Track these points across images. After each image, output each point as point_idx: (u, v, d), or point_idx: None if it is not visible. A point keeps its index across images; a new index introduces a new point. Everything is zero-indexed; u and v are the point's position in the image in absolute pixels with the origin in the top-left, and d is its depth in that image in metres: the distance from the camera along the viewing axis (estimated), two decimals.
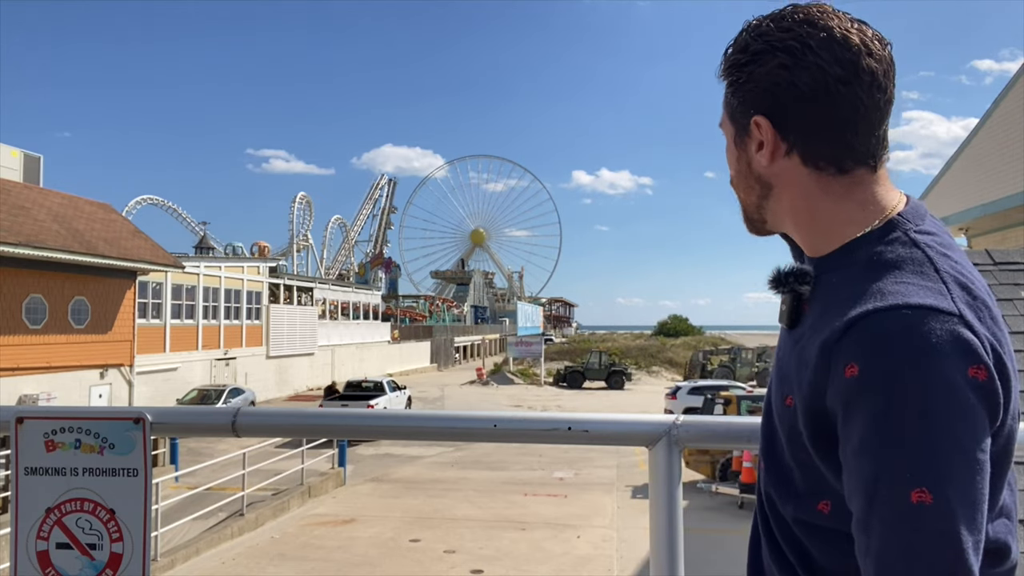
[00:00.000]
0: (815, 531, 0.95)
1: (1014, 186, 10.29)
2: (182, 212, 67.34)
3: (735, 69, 1.00)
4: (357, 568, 11.28)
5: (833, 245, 0.98)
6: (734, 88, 1.01)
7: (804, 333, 0.96)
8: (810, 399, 0.89)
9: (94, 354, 21.84)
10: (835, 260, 0.97)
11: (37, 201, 20.80)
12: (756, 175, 1.02)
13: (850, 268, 0.94)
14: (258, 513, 13.67)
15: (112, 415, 1.43)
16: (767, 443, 1.06)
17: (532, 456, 19.80)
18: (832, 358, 0.86)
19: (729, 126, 1.04)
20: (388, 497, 16.04)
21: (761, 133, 0.99)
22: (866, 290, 0.88)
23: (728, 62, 1.02)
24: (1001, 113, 11.08)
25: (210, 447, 20.00)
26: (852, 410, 0.82)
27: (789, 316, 1.00)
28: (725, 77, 1.03)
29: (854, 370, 0.83)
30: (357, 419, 1.59)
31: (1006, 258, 6.14)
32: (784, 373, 0.99)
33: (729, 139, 1.05)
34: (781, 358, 1.03)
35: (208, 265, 32.47)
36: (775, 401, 1.02)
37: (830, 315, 0.90)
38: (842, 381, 0.84)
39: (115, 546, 1.40)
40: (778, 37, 0.96)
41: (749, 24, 1.00)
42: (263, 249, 48.94)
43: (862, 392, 0.82)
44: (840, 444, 0.85)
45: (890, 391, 0.80)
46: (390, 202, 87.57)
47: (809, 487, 0.94)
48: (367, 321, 50.32)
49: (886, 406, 0.80)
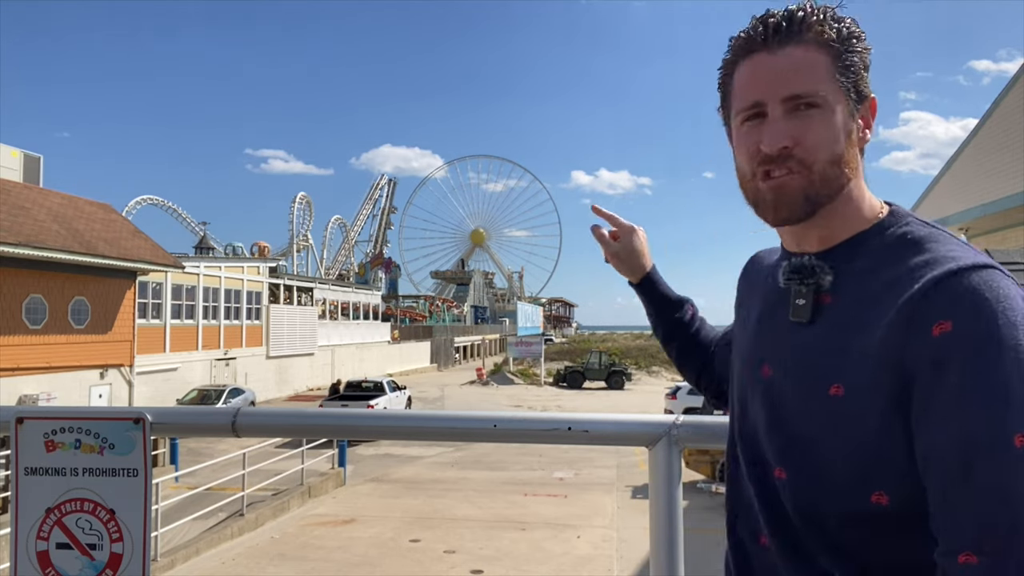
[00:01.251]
0: (872, 525, 0.93)
1: (1014, 186, 10.29)
2: (182, 212, 67.38)
3: (855, 40, 0.99)
4: (357, 568, 11.27)
5: (846, 235, 1.01)
6: (854, 57, 0.99)
7: (842, 320, 0.95)
8: (884, 369, 0.88)
9: (94, 354, 21.83)
10: (849, 250, 1.00)
11: (37, 201, 20.80)
12: (855, 153, 1.01)
13: (878, 252, 0.97)
14: (258, 513, 13.66)
15: (112, 415, 1.43)
16: (788, 447, 1.00)
17: (532, 456, 19.80)
18: (915, 320, 0.86)
19: (840, 94, 0.98)
20: (388, 497, 16.03)
21: (872, 112, 1.02)
22: (926, 259, 0.91)
23: (843, 30, 0.98)
24: (1001, 113, 11.08)
25: (210, 447, 20.00)
26: (947, 365, 0.83)
27: (812, 309, 0.99)
28: (842, 45, 0.98)
29: (946, 326, 0.84)
30: (357, 419, 1.59)
31: (1006, 258, 6.14)
32: (813, 368, 0.97)
33: (837, 109, 0.98)
34: (798, 357, 1.00)
35: (208, 265, 32.46)
36: (800, 400, 0.98)
37: (888, 288, 0.91)
38: (931, 339, 0.85)
39: (115, 546, 1.40)
40: (858, 28, 0.99)
41: (814, 5, 0.99)
42: (263, 249, 48.96)
43: (959, 347, 0.83)
44: (922, 402, 0.86)
45: (988, 344, 0.82)
46: (390, 202, 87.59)
47: (858, 480, 0.93)
48: (367, 321, 50.30)
49: (985, 358, 0.82)
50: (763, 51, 0.99)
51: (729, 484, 1.15)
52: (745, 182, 1.04)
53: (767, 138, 0.98)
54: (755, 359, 1.08)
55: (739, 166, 1.05)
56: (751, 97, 1.00)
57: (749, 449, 1.08)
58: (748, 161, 1.02)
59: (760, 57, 0.99)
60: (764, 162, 0.99)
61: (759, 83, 0.99)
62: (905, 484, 0.89)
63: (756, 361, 1.08)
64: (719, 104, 1.10)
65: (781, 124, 0.97)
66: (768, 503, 1.02)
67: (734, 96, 1.03)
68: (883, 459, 0.90)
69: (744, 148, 1.02)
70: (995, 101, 11.29)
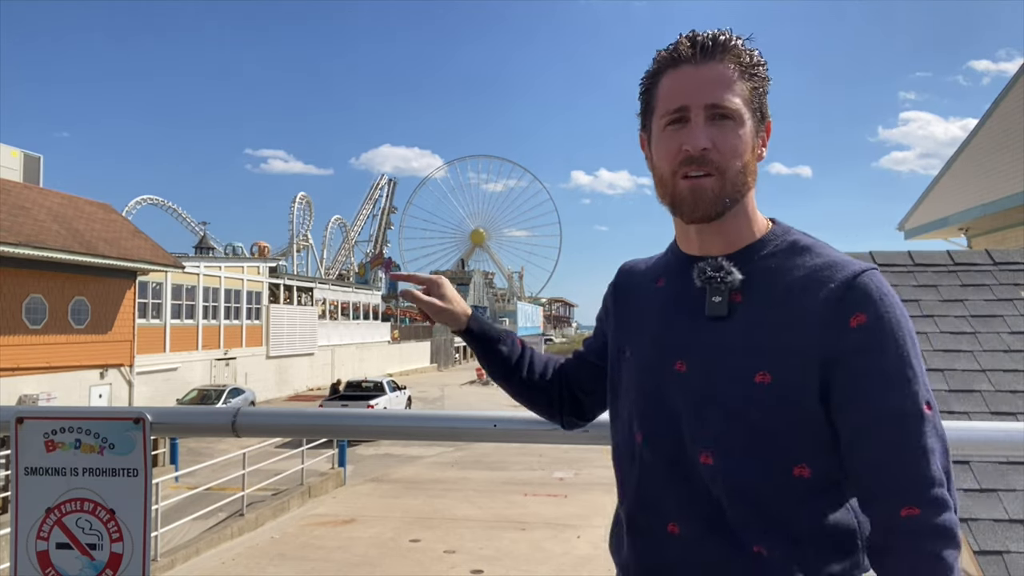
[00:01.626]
0: (797, 497, 1.06)
1: (1014, 186, 10.29)
2: (182, 212, 67.36)
3: (761, 67, 1.13)
4: (357, 568, 11.28)
5: (746, 240, 1.14)
6: (762, 83, 1.13)
7: (756, 316, 1.08)
8: (811, 359, 1.03)
9: (94, 354, 21.83)
10: (750, 253, 1.13)
11: (37, 201, 20.80)
12: (754, 167, 1.14)
13: (776, 255, 1.12)
14: (258, 513, 13.66)
15: (112, 415, 1.43)
16: (715, 433, 1.08)
17: (532, 456, 19.79)
18: (835, 316, 1.02)
19: (749, 111, 1.11)
20: (388, 497, 16.03)
21: (768, 133, 1.16)
22: (825, 262, 1.08)
23: (753, 58, 1.12)
24: (1001, 113, 11.08)
25: (210, 447, 20.00)
26: (867, 351, 1.01)
27: (729, 305, 1.10)
28: (751, 70, 1.11)
29: (861, 319, 1.02)
30: (357, 419, 1.59)
31: (1006, 258, 6.14)
32: (736, 359, 1.07)
33: (747, 124, 1.11)
34: (719, 350, 1.09)
35: (208, 265, 32.46)
36: (724, 388, 1.07)
37: (796, 287, 1.06)
38: (851, 331, 1.02)
39: (115, 546, 1.40)
40: (762, 59, 1.13)
41: (731, 33, 1.12)
42: (263, 249, 48.96)
43: (874, 335, 1.01)
44: (849, 384, 1.02)
45: (895, 331, 1.02)
46: (390, 202, 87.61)
47: (783, 456, 1.06)
48: (367, 321, 50.31)
49: (895, 343, 1.01)
50: (689, 64, 1.11)
51: (627, 485, 1.20)
52: (664, 181, 1.14)
53: (690, 140, 1.09)
54: (665, 359, 1.14)
55: (658, 166, 1.15)
56: (677, 102, 1.11)
57: (662, 445, 1.14)
58: (669, 162, 1.12)
59: (686, 69, 1.11)
60: (685, 163, 1.10)
61: (685, 91, 1.10)
62: (824, 457, 1.05)
63: (667, 361, 1.14)
64: (639, 111, 1.20)
65: (703, 129, 1.09)
66: (690, 491, 1.10)
67: (659, 102, 1.14)
68: (805, 435, 1.05)
69: (666, 149, 1.12)
70: (995, 101, 11.28)
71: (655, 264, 1.28)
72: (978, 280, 5.88)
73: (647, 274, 1.27)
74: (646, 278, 1.27)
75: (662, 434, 1.13)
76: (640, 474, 1.16)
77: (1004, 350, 5.16)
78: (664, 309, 1.18)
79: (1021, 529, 4.01)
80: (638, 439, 1.17)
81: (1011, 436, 1.43)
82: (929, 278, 5.96)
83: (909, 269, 6.08)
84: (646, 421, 1.16)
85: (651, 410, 1.15)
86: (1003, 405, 4.74)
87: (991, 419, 4.57)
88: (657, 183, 1.16)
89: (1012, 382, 4.91)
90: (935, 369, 5.06)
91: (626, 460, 1.20)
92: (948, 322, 5.46)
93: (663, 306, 1.19)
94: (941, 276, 5.98)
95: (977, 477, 4.26)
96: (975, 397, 4.82)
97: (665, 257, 1.26)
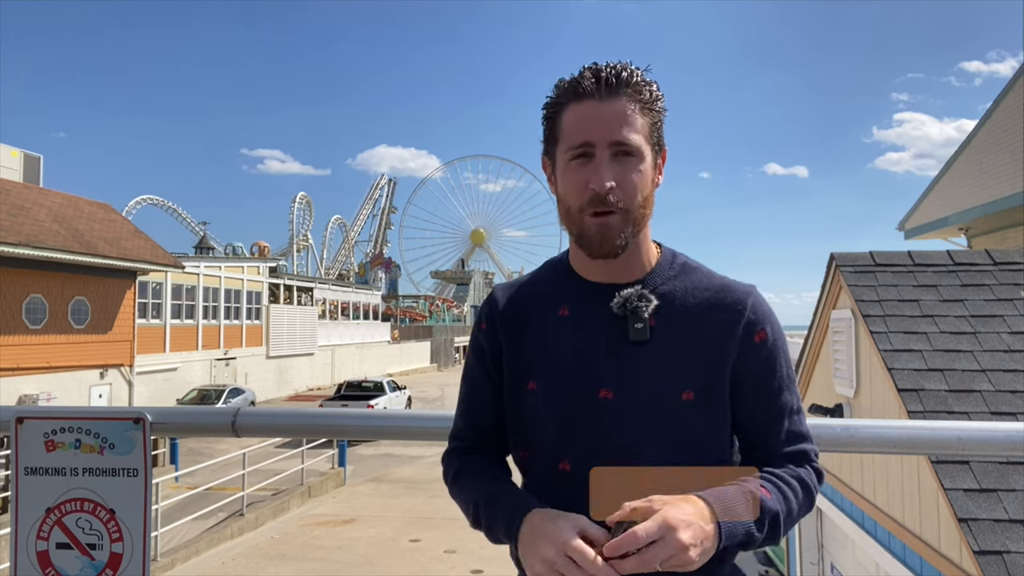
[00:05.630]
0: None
1: (1014, 186, 10.29)
2: (182, 212, 67.31)
3: (659, 101, 1.18)
4: (357, 568, 11.28)
5: (648, 266, 1.22)
6: (660, 116, 1.18)
7: (671, 338, 1.16)
8: (725, 372, 1.16)
9: (94, 354, 21.83)
10: (653, 279, 1.21)
11: (37, 201, 20.80)
12: (652, 198, 1.19)
13: (674, 279, 1.21)
14: (258, 513, 13.66)
15: (112, 415, 1.43)
16: (659, 450, 1.14)
17: None
18: (742, 333, 1.17)
19: (648, 146, 1.16)
20: (388, 497, 16.03)
21: (663, 160, 1.22)
22: (719, 284, 1.21)
23: (652, 93, 1.16)
24: (1000, 113, 11.08)
25: (210, 447, 20.00)
26: (771, 362, 1.18)
27: (649, 330, 1.16)
28: (650, 104, 1.16)
29: (763, 334, 1.18)
30: (357, 419, 1.59)
31: (1006, 258, 6.14)
32: (661, 381, 1.14)
33: (647, 159, 1.15)
34: (644, 374, 1.15)
35: (208, 265, 32.46)
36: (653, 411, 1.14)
37: (703, 307, 1.18)
38: (755, 345, 1.17)
39: (115, 546, 1.40)
40: (660, 91, 1.18)
41: (629, 65, 1.16)
42: (263, 249, 48.93)
43: (774, 348, 1.19)
44: (754, 387, 1.18)
45: (783, 345, 1.21)
46: (390, 202, 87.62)
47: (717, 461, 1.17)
48: (367, 321, 50.31)
49: (785, 354, 1.21)
50: (592, 99, 1.14)
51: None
52: (571, 216, 1.17)
53: (596, 178, 1.12)
54: (589, 388, 1.16)
55: (563, 198, 1.18)
56: (581, 137, 1.13)
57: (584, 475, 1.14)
58: (576, 196, 1.15)
59: (590, 104, 1.14)
60: (591, 202, 1.13)
61: (589, 127, 1.13)
62: (732, 450, 1.22)
63: (591, 390, 1.16)
64: (542, 137, 1.23)
65: (607, 167, 1.12)
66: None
67: (563, 135, 1.17)
68: (726, 438, 1.20)
69: (573, 183, 1.15)
70: (995, 101, 11.29)
71: (544, 290, 1.27)
72: (978, 280, 5.88)
73: (539, 301, 1.25)
74: (539, 305, 1.25)
75: (597, 462, 1.13)
76: (574, 509, 1.11)
77: (1004, 350, 5.16)
78: (577, 338, 1.19)
79: (1021, 529, 4.00)
80: (566, 468, 1.16)
81: (1011, 436, 1.43)
82: (929, 278, 5.95)
83: (909, 269, 6.07)
84: (576, 452, 1.16)
85: (580, 440, 1.16)
86: (1003, 405, 4.74)
87: (991, 419, 4.57)
88: (562, 213, 1.19)
89: (1012, 382, 4.90)
90: (935, 369, 5.06)
91: (552, 496, 1.15)
92: (948, 322, 5.46)
93: (575, 335, 1.19)
94: (941, 276, 5.98)
95: (977, 477, 4.26)
96: (975, 397, 4.82)
97: (558, 282, 1.26)
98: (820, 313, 7.13)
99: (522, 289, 1.30)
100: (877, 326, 5.46)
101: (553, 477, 1.19)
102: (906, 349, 5.23)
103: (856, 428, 1.47)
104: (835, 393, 6.74)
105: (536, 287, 1.29)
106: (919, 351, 5.20)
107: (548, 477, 1.20)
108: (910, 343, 5.28)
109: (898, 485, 5.28)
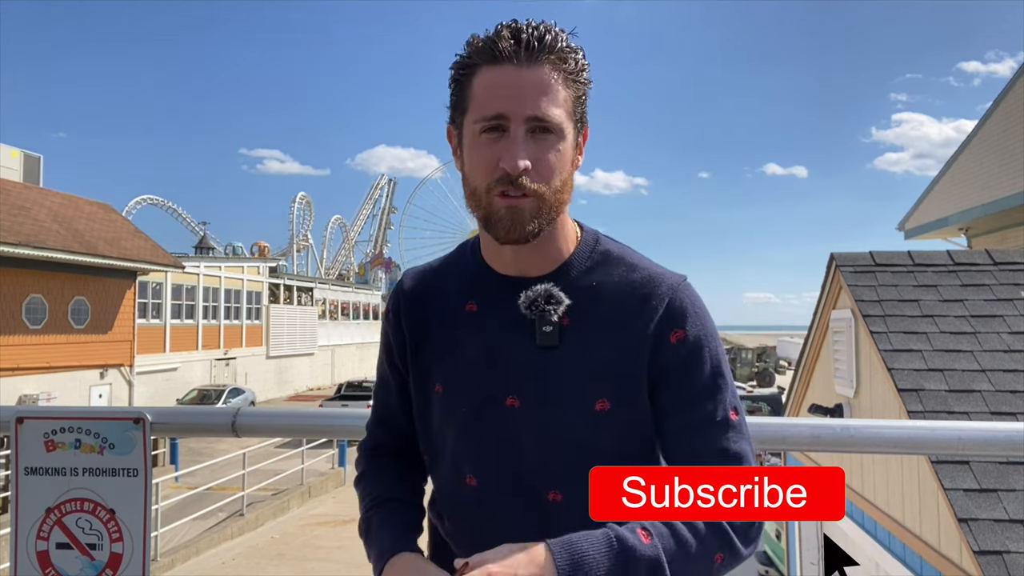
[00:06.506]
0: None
1: (1014, 186, 10.29)
2: (182, 212, 67.25)
3: (584, 71, 1.03)
4: (357, 568, 11.27)
5: (562, 256, 1.08)
6: (584, 88, 1.03)
7: (585, 340, 1.04)
8: (642, 378, 1.03)
9: (94, 354, 21.82)
10: (568, 271, 1.07)
11: (37, 201, 20.80)
12: (572, 181, 1.05)
13: (593, 270, 1.08)
14: (258, 513, 13.66)
15: (112, 415, 1.43)
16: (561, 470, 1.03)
17: None
18: (657, 335, 1.03)
19: (570, 122, 1.01)
20: None
21: (584, 139, 1.07)
22: (641, 277, 1.06)
23: (578, 62, 1.01)
24: (1000, 113, 11.08)
25: (210, 447, 19.99)
26: (689, 366, 1.03)
27: (560, 333, 1.04)
28: (574, 76, 1.01)
29: (680, 334, 1.03)
30: (357, 419, 1.59)
31: (1006, 258, 6.14)
32: (572, 389, 1.03)
33: (567, 137, 1.01)
34: (554, 382, 1.03)
35: (208, 265, 32.45)
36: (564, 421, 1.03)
37: (620, 305, 1.04)
38: (671, 346, 1.03)
39: (115, 546, 1.40)
40: (585, 60, 1.03)
41: (554, 27, 1.01)
42: (263, 249, 48.91)
43: (695, 349, 1.03)
44: (669, 394, 1.03)
45: (706, 343, 1.04)
46: (390, 202, 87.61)
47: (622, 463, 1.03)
48: (367, 321, 50.31)
49: (709, 353, 1.04)
50: (510, 64, 0.98)
51: (462, 534, 1.11)
52: (477, 195, 1.02)
53: (508, 157, 0.98)
54: (494, 394, 1.06)
55: (470, 176, 1.03)
56: (494, 109, 0.98)
57: (504, 488, 1.06)
58: (484, 176, 1.00)
59: (507, 69, 0.98)
60: (501, 181, 0.99)
61: (504, 97, 0.98)
62: (657, 460, 1.08)
63: (497, 396, 1.05)
64: (449, 103, 1.07)
65: (522, 145, 0.98)
66: (540, 532, 0.95)
67: (473, 102, 1.01)
68: (646, 450, 1.07)
69: (482, 160, 1.01)
70: (995, 101, 11.29)
71: (452, 280, 1.15)
72: (978, 280, 5.88)
73: (447, 293, 1.14)
74: (447, 298, 1.14)
75: (503, 476, 1.06)
76: (480, 522, 1.07)
77: (1004, 350, 5.16)
78: (483, 338, 1.08)
79: (1021, 529, 4.00)
80: (471, 483, 1.08)
81: (1011, 436, 1.42)
82: (929, 278, 5.95)
83: (909, 269, 6.07)
84: (481, 463, 1.07)
85: (485, 451, 1.07)
86: (1003, 405, 4.74)
87: (991, 419, 4.57)
88: (468, 193, 1.05)
89: (1012, 382, 4.91)
90: (935, 369, 5.06)
91: (457, 509, 1.10)
92: (948, 322, 5.46)
93: (480, 335, 1.08)
94: (941, 276, 5.98)
95: (977, 477, 4.26)
96: (975, 397, 4.82)
97: (467, 271, 1.14)
98: (820, 313, 7.14)
99: (428, 278, 1.18)
100: (877, 326, 5.46)
101: (458, 491, 1.10)
102: (906, 349, 5.23)
103: (856, 428, 1.46)
104: (835, 393, 6.74)
105: (444, 278, 1.17)
106: (919, 351, 5.20)
107: (453, 490, 1.11)
108: (910, 343, 5.28)
109: (898, 485, 5.28)
